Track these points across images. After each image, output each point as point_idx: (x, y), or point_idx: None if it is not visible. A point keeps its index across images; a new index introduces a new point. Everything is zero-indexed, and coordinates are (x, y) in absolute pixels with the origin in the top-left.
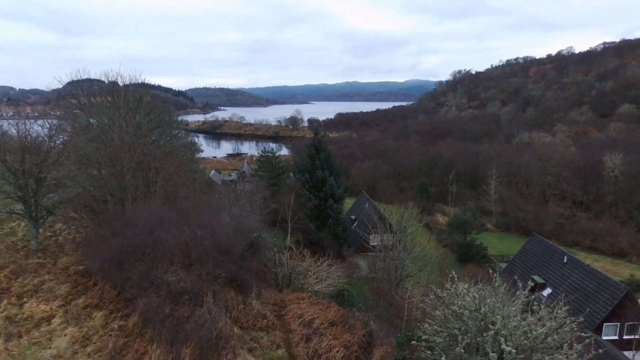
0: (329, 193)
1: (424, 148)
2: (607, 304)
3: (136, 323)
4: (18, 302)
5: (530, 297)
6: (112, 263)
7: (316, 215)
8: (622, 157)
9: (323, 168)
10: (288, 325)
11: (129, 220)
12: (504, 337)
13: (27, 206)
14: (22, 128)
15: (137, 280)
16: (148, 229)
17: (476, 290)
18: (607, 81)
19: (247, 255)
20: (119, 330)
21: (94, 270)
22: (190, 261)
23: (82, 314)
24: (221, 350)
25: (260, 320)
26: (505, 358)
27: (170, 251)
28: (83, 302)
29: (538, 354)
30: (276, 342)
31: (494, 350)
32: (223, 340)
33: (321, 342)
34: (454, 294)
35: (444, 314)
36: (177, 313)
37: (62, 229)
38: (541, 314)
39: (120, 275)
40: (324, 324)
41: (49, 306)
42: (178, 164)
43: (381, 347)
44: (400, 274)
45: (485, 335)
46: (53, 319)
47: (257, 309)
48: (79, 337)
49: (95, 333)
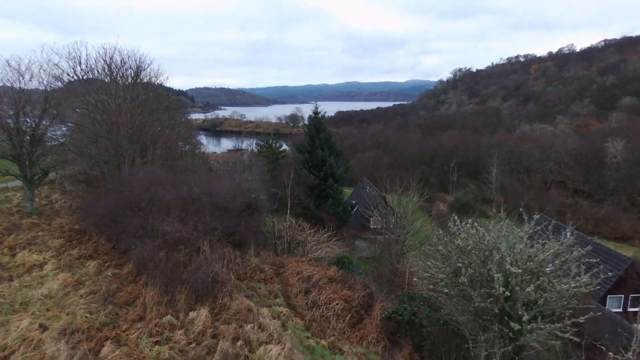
0: (328, 173)
1: (424, 139)
2: (611, 277)
3: (130, 271)
4: (10, 253)
5: (536, 228)
6: (107, 218)
7: (316, 195)
8: (624, 143)
9: (323, 148)
10: (287, 280)
11: (125, 179)
12: (509, 262)
13: (21, 167)
14: (17, 84)
15: (132, 230)
16: (144, 186)
17: (480, 224)
18: (608, 75)
19: (246, 215)
20: (112, 277)
21: (88, 225)
22: (187, 214)
23: (75, 263)
24: (217, 293)
25: (258, 274)
26: (511, 283)
27: (167, 205)
28: (77, 253)
29: (544, 277)
30: (274, 292)
31: (499, 272)
32: (219, 284)
33: (320, 295)
34: (457, 230)
35: (447, 250)
36: (173, 258)
37: (58, 199)
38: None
39: (115, 228)
40: (323, 279)
41: (41, 256)
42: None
43: (381, 304)
44: (401, 247)
45: (489, 263)
46: (45, 266)
47: (255, 263)
48: (72, 282)
49: (89, 279)
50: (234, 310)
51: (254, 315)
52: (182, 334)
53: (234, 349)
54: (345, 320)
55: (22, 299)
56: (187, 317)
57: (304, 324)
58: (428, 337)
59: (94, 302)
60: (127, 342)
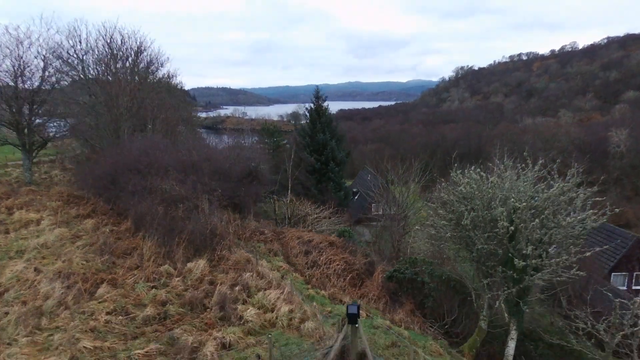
0: (330, 156)
1: (426, 132)
2: (615, 253)
3: (129, 228)
4: (7, 212)
5: (541, 171)
6: (106, 179)
7: (317, 179)
8: (628, 132)
9: (324, 131)
10: (286, 244)
11: (124, 146)
12: (513, 198)
13: (20, 134)
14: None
15: (131, 189)
16: (143, 150)
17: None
18: (611, 71)
19: (246, 182)
20: (110, 232)
21: (87, 189)
22: (186, 176)
23: (72, 221)
24: (215, 246)
25: (257, 235)
26: (515, 219)
27: (165, 168)
28: (75, 212)
29: (549, 211)
30: (274, 250)
31: (502, 206)
32: (218, 237)
33: (320, 256)
34: (459, 179)
35: (450, 198)
36: (171, 213)
37: (58, 174)
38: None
39: (114, 189)
40: (323, 242)
41: (39, 214)
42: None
43: (382, 268)
44: (403, 225)
45: (493, 205)
46: (42, 222)
47: (255, 226)
48: (69, 236)
49: (86, 234)
50: (233, 262)
51: (252, 266)
52: (180, 281)
53: (232, 293)
54: (346, 279)
55: (18, 247)
56: (184, 267)
57: (303, 279)
58: (430, 294)
59: (90, 252)
60: (124, 285)
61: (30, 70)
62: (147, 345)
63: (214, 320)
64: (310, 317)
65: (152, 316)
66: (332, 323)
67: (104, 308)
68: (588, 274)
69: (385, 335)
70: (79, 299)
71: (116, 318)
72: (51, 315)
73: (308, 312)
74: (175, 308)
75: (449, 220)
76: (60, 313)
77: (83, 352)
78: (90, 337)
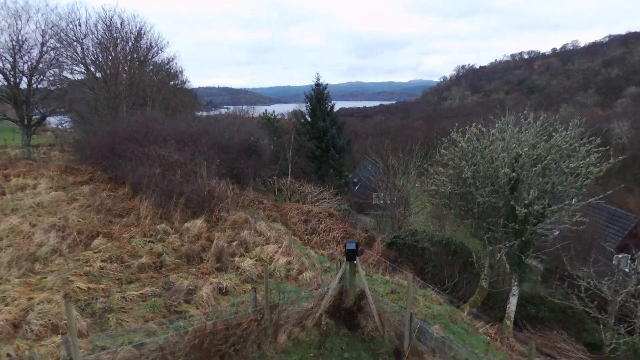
0: (330, 143)
1: (427, 126)
2: (617, 235)
3: (126, 193)
4: (4, 179)
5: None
6: (104, 149)
7: (317, 166)
8: (629, 124)
9: (324, 119)
10: (285, 214)
11: (122, 118)
12: (515, 145)
13: (18, 109)
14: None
15: (129, 155)
16: (142, 122)
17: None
18: (612, 67)
19: (245, 156)
20: (107, 197)
21: (84, 159)
22: (185, 146)
23: (69, 187)
24: (213, 207)
25: (256, 204)
26: (516, 168)
27: (164, 137)
28: (72, 180)
29: (552, 158)
30: (273, 217)
31: (504, 152)
32: (216, 199)
33: (320, 224)
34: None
35: (451, 155)
36: (169, 176)
37: (57, 155)
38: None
39: (112, 158)
40: (322, 213)
41: (36, 181)
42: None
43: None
44: (403, 209)
45: (494, 155)
46: (38, 186)
47: (254, 195)
48: (65, 199)
49: (82, 197)
50: (231, 222)
51: (251, 225)
52: (177, 237)
53: (230, 248)
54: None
55: (14, 206)
56: (182, 226)
57: (302, 242)
58: (430, 259)
59: (87, 212)
60: (120, 239)
61: (29, 44)
62: (142, 289)
63: (211, 270)
64: (308, 268)
65: (148, 264)
66: (331, 275)
67: (99, 257)
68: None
69: (384, 285)
70: (73, 249)
71: (111, 265)
72: (45, 261)
73: (306, 264)
74: (171, 259)
75: (449, 177)
76: (54, 259)
77: (77, 291)
78: (84, 280)
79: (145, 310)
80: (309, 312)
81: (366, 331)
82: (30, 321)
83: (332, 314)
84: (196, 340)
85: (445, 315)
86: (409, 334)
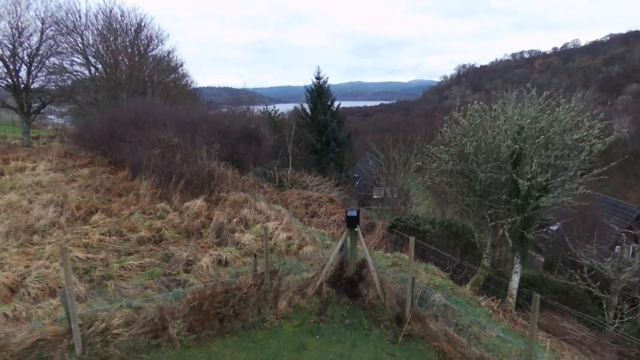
0: (331, 137)
1: (428, 122)
2: (620, 226)
3: (126, 175)
4: (3, 162)
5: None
6: (104, 134)
7: (318, 159)
8: (631, 119)
9: (325, 112)
10: (286, 198)
11: (122, 105)
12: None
13: (17, 96)
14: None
15: (129, 139)
16: (142, 108)
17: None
18: (613, 65)
19: (245, 143)
20: (107, 179)
21: (84, 144)
22: (184, 131)
23: (69, 169)
24: (214, 188)
25: (257, 188)
26: (519, 139)
27: (164, 122)
28: (71, 163)
29: (555, 129)
30: (273, 199)
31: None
32: (216, 180)
33: (320, 208)
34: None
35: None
36: (169, 157)
37: (57, 144)
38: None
39: (112, 142)
40: (323, 198)
41: (35, 163)
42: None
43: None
44: (405, 199)
45: (496, 129)
46: (38, 167)
47: (255, 180)
48: (64, 180)
49: (81, 178)
50: (231, 201)
51: (251, 204)
52: (176, 215)
53: (230, 225)
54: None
55: (12, 185)
56: (182, 205)
57: (303, 224)
58: (431, 241)
59: (86, 191)
60: (119, 215)
61: (28, 31)
62: (141, 260)
63: (211, 244)
64: (309, 243)
65: (147, 238)
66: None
67: (98, 230)
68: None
69: (385, 259)
70: (72, 223)
71: (110, 238)
72: (43, 233)
73: (307, 239)
74: (170, 233)
75: (451, 155)
76: (52, 232)
77: (75, 260)
78: (82, 251)
79: (144, 279)
80: (310, 281)
81: (367, 299)
82: (28, 285)
83: (332, 283)
84: (195, 302)
85: (448, 287)
86: (410, 300)
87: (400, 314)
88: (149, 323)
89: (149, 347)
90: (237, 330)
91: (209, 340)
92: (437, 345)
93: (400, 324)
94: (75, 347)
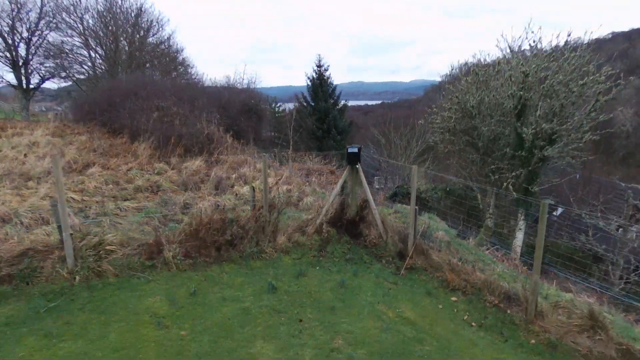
0: (332, 124)
1: None
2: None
3: (125, 141)
4: (1, 130)
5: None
6: (102, 103)
7: (318, 147)
8: (634, 111)
9: (326, 100)
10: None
11: (120, 79)
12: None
13: (17, 73)
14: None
15: (128, 107)
16: (141, 81)
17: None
18: (616, 61)
19: (245, 117)
20: (105, 143)
21: (82, 115)
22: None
23: (67, 135)
24: (213, 150)
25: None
26: (524, 87)
27: (163, 92)
28: (70, 132)
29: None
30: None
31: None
32: (215, 142)
33: (320, 177)
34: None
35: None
36: (168, 121)
37: None
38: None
39: (110, 111)
40: (323, 169)
41: (32, 130)
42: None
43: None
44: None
45: (501, 82)
46: (35, 132)
47: (255, 151)
48: (62, 143)
49: (79, 143)
50: (230, 162)
51: (250, 163)
52: (175, 173)
53: (229, 181)
54: None
55: (9, 145)
56: (181, 165)
57: None
58: (434, 208)
59: (83, 152)
60: (116, 169)
61: (27, 6)
62: (138, 204)
63: (209, 194)
64: (309, 194)
65: (144, 187)
66: None
67: (95, 180)
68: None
69: (386, 209)
70: (68, 174)
71: (106, 186)
72: (39, 180)
73: (307, 191)
74: (168, 184)
75: (454, 111)
76: (47, 180)
77: (70, 201)
78: (79, 195)
79: (140, 217)
80: (309, 222)
81: (369, 239)
82: (20, 214)
83: (333, 223)
84: (192, 228)
85: (452, 233)
86: (413, 233)
87: (402, 250)
88: (144, 245)
89: (144, 267)
90: (235, 259)
91: (205, 266)
92: (440, 276)
93: (402, 259)
94: (67, 259)
